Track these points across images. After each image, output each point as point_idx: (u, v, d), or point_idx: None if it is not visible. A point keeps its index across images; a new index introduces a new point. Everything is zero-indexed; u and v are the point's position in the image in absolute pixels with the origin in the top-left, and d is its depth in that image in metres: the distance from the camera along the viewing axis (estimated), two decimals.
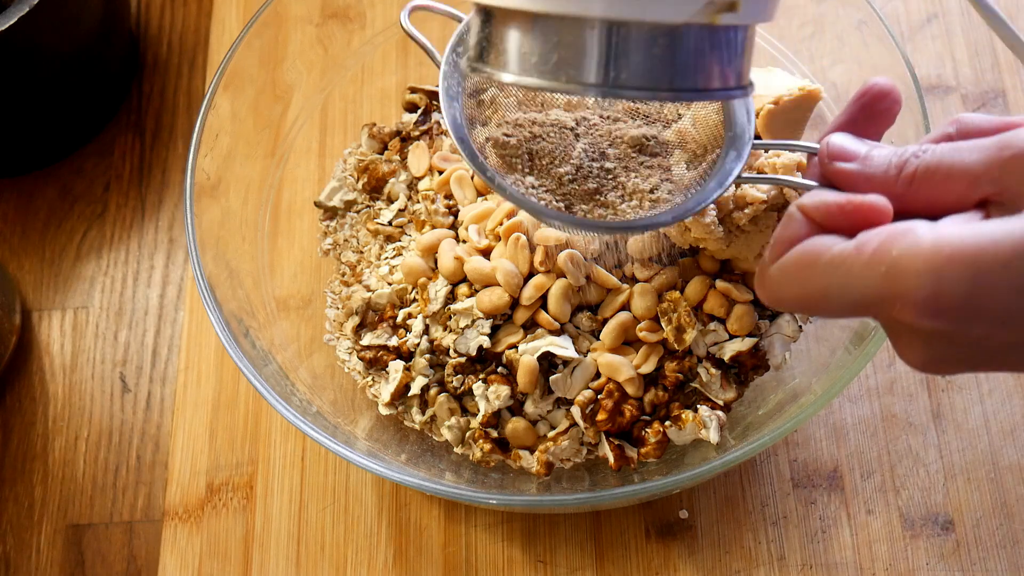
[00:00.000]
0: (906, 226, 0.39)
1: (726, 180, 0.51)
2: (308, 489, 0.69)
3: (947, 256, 0.37)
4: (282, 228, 0.71)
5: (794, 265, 0.42)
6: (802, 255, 0.42)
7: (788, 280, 0.42)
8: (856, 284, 0.40)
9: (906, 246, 0.38)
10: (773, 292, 0.43)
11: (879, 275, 0.39)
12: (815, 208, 0.43)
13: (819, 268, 0.41)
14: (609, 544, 0.66)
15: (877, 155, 0.44)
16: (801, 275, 0.42)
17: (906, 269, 0.38)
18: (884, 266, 0.39)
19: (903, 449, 0.68)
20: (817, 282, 0.41)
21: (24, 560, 0.69)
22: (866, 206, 0.41)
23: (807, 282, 0.41)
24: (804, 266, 0.42)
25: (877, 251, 0.39)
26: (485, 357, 0.61)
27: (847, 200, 0.42)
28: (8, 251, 0.79)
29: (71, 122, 0.81)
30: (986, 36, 0.80)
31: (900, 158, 0.43)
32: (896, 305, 0.39)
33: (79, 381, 0.74)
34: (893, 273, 0.38)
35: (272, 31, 0.70)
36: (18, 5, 0.69)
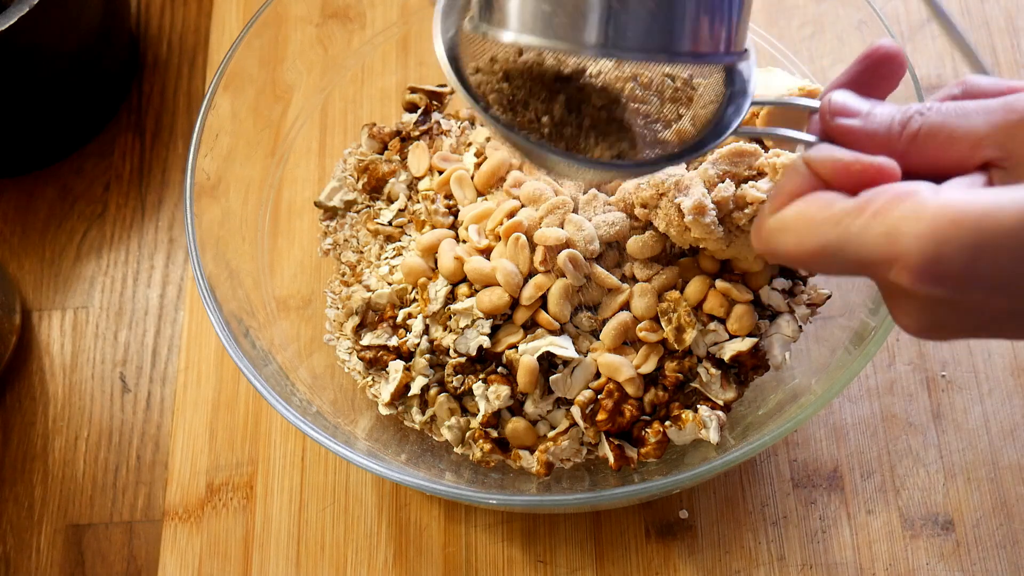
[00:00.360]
0: (910, 188, 0.39)
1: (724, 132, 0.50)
2: (308, 489, 0.69)
3: (950, 221, 0.37)
4: (282, 228, 0.71)
5: (793, 218, 0.41)
6: (803, 209, 0.41)
7: (786, 233, 0.42)
8: (855, 243, 0.39)
9: (909, 209, 0.38)
10: (769, 243, 0.43)
11: (879, 236, 0.38)
12: (821, 163, 0.42)
13: (818, 223, 0.40)
14: (609, 544, 0.66)
15: (879, 112, 0.43)
16: (799, 229, 0.41)
17: (907, 232, 0.38)
18: (885, 227, 0.38)
19: (903, 449, 0.68)
20: (815, 237, 0.41)
21: (24, 560, 0.69)
22: (874, 167, 0.41)
23: (805, 236, 0.41)
24: (804, 220, 0.41)
25: (879, 212, 0.39)
26: (485, 357, 0.61)
27: (855, 159, 0.41)
28: (8, 251, 0.79)
29: (71, 122, 0.81)
30: (986, 36, 0.80)
31: (903, 115, 0.42)
32: (895, 268, 0.38)
33: (79, 381, 0.74)
34: (894, 235, 0.38)
35: (272, 31, 0.70)
36: (18, 5, 0.69)
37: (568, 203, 0.62)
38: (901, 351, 0.71)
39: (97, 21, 0.77)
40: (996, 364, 0.70)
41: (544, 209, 0.62)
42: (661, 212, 0.59)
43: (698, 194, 0.57)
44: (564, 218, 0.61)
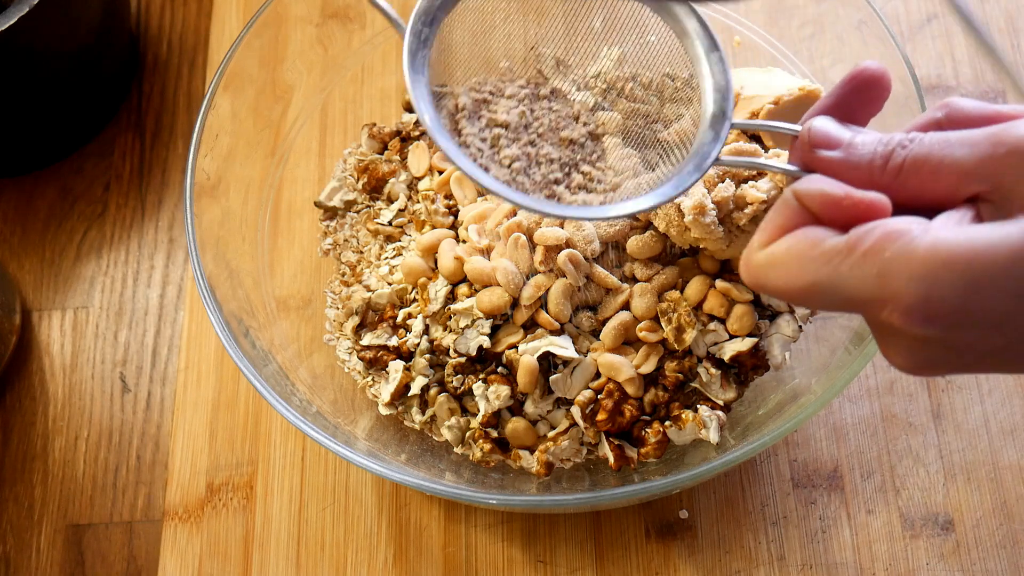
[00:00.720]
0: (899, 226, 0.38)
1: (704, 162, 0.51)
2: (308, 489, 0.69)
3: (941, 263, 0.37)
4: (282, 228, 0.71)
5: (783, 254, 0.41)
6: (792, 245, 0.41)
7: (775, 268, 0.41)
8: (846, 282, 0.39)
9: (899, 249, 0.38)
10: (758, 278, 0.42)
11: (871, 276, 0.38)
12: (811, 197, 0.41)
13: (808, 261, 0.40)
14: (609, 544, 0.66)
15: (861, 142, 0.43)
16: (789, 265, 0.41)
17: (898, 274, 0.37)
18: (876, 268, 0.38)
19: (903, 449, 0.68)
20: (805, 275, 0.40)
21: (24, 560, 0.69)
22: (864, 203, 0.40)
23: (795, 273, 0.41)
24: (794, 256, 0.41)
25: (869, 251, 0.38)
26: (485, 357, 0.61)
27: (845, 194, 0.41)
28: (8, 251, 0.79)
29: (71, 122, 0.81)
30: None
31: (886, 147, 0.42)
32: (886, 308, 0.38)
33: (79, 381, 0.74)
34: (885, 276, 0.38)
35: (272, 31, 0.70)
36: (18, 5, 0.69)
37: None
38: None
39: (97, 21, 0.77)
40: None
41: None
42: (661, 212, 0.59)
43: (698, 194, 0.57)
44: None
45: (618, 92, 0.59)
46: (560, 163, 0.54)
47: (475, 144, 0.53)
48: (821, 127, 0.44)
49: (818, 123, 0.45)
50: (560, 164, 0.54)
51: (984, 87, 0.78)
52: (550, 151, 0.55)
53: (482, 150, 0.53)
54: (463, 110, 0.54)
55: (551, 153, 0.55)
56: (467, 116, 0.54)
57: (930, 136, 0.41)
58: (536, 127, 0.55)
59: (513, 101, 0.56)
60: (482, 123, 0.54)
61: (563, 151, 0.55)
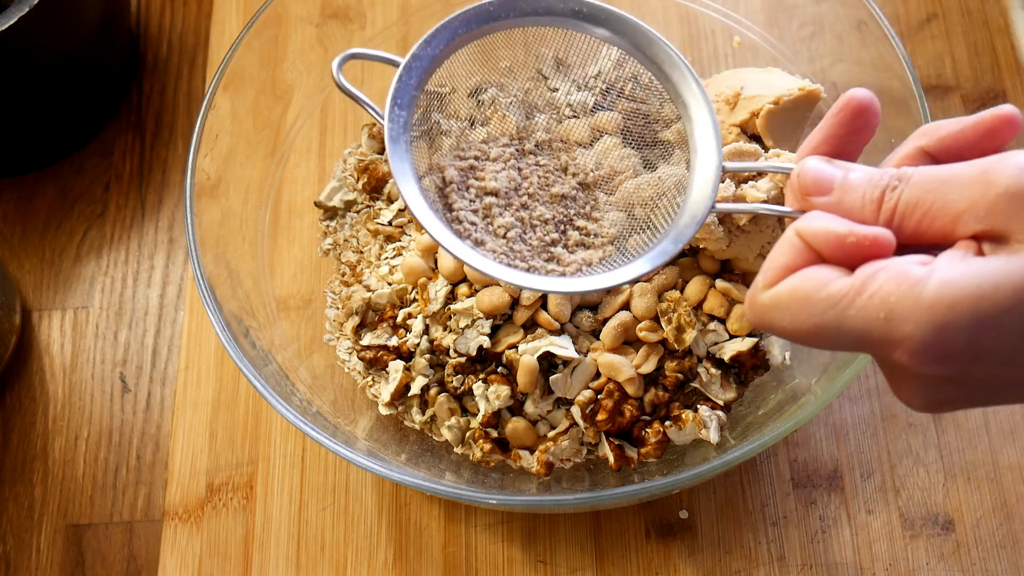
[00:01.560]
0: (905, 268, 0.38)
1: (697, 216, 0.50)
2: (308, 489, 0.69)
3: (948, 306, 0.37)
4: (282, 228, 0.71)
5: (788, 296, 0.41)
6: (797, 288, 0.41)
7: (781, 310, 0.41)
8: (853, 325, 0.39)
9: (906, 292, 0.38)
10: (763, 319, 0.42)
11: (879, 320, 0.38)
12: (814, 236, 0.41)
13: (814, 303, 0.40)
14: (609, 544, 0.66)
15: (854, 183, 0.42)
16: (794, 308, 0.41)
17: (907, 317, 0.38)
18: (884, 311, 0.38)
19: (903, 449, 0.68)
20: (811, 318, 0.40)
21: (24, 560, 0.69)
22: (869, 239, 0.40)
23: (800, 315, 0.40)
24: (799, 299, 0.40)
25: (876, 294, 0.38)
26: (485, 357, 0.61)
27: (848, 231, 0.40)
28: (8, 251, 0.79)
29: (71, 122, 0.81)
30: (986, 36, 0.80)
31: (876, 188, 0.41)
32: (897, 350, 0.38)
33: (79, 381, 0.74)
34: (892, 320, 0.38)
35: (272, 31, 0.70)
36: (18, 5, 0.69)
37: None
38: None
39: (97, 21, 0.77)
40: None
41: None
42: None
43: None
44: None
45: (618, 92, 0.59)
46: (555, 222, 0.54)
47: (467, 219, 0.52)
48: (811, 170, 0.44)
49: (808, 165, 0.44)
50: (555, 223, 0.54)
51: (984, 87, 0.78)
52: (543, 211, 0.54)
53: (475, 223, 0.52)
54: (451, 183, 0.53)
55: (544, 213, 0.54)
56: (456, 189, 0.53)
57: (918, 175, 0.41)
58: (526, 187, 0.55)
59: (499, 164, 0.55)
60: (471, 194, 0.53)
61: (556, 208, 0.55)
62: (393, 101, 0.51)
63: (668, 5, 0.77)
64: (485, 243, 0.52)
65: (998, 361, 0.38)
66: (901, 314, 0.38)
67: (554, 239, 0.54)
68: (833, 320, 0.39)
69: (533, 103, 0.69)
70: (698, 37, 0.77)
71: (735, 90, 0.62)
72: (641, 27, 0.53)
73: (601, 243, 0.54)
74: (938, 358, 0.38)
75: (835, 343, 0.40)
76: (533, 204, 0.55)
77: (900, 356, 0.38)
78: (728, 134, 0.61)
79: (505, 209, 0.54)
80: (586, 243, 0.54)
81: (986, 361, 0.38)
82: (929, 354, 0.38)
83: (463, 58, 0.54)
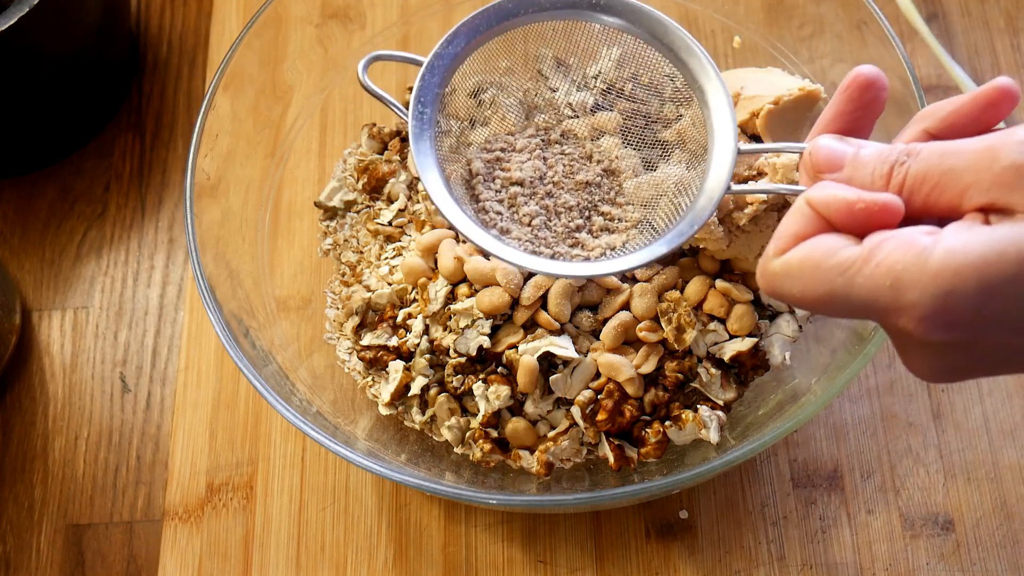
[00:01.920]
0: (912, 237, 0.39)
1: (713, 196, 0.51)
2: (308, 489, 0.69)
3: (953, 272, 0.37)
4: (282, 228, 0.71)
5: (799, 263, 0.42)
6: (808, 255, 0.41)
7: (791, 277, 0.42)
8: (861, 292, 0.40)
9: (913, 260, 0.38)
10: (774, 286, 0.43)
11: (885, 287, 0.39)
12: (824, 203, 0.42)
13: (824, 270, 0.41)
14: (609, 544, 0.66)
15: (865, 159, 0.43)
16: (805, 275, 0.41)
17: (913, 284, 0.38)
18: (891, 279, 0.39)
19: (903, 449, 0.68)
20: (821, 284, 0.41)
21: (24, 560, 0.69)
22: (877, 205, 0.41)
23: (811, 282, 0.41)
24: (810, 266, 0.41)
25: (883, 263, 0.39)
26: (485, 357, 0.61)
27: (857, 197, 0.41)
28: (8, 251, 0.79)
29: (71, 122, 0.81)
30: (986, 36, 0.80)
31: (885, 163, 0.42)
32: (903, 317, 0.39)
33: (79, 381, 0.74)
34: (899, 287, 0.38)
35: (272, 31, 0.70)
36: (18, 5, 0.69)
37: None
38: None
39: (97, 21, 0.77)
40: None
41: None
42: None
43: None
44: None
45: (618, 92, 0.59)
46: (579, 208, 0.55)
47: (493, 209, 0.54)
48: (823, 148, 0.45)
49: (821, 143, 0.45)
50: (580, 210, 0.55)
51: None
52: (568, 199, 0.56)
53: (501, 213, 0.54)
54: (477, 175, 0.55)
55: (569, 201, 0.56)
56: (482, 180, 0.54)
57: (927, 150, 0.41)
58: (551, 176, 0.56)
59: (524, 154, 0.56)
60: (497, 185, 0.55)
61: (580, 195, 0.56)
62: (417, 99, 0.52)
63: (668, 5, 0.77)
64: (510, 231, 0.53)
65: (1005, 328, 0.38)
66: (907, 281, 0.38)
67: (578, 225, 0.55)
68: (842, 287, 0.40)
69: (533, 103, 0.69)
70: (698, 37, 0.77)
71: (735, 90, 0.62)
72: (656, 15, 0.54)
73: (625, 227, 0.55)
74: (944, 325, 0.38)
75: (844, 310, 0.41)
76: (558, 192, 0.56)
77: (907, 323, 0.39)
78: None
79: (530, 198, 0.55)
80: (610, 227, 0.55)
81: (993, 328, 0.38)
82: (935, 321, 0.38)
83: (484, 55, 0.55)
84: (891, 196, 0.41)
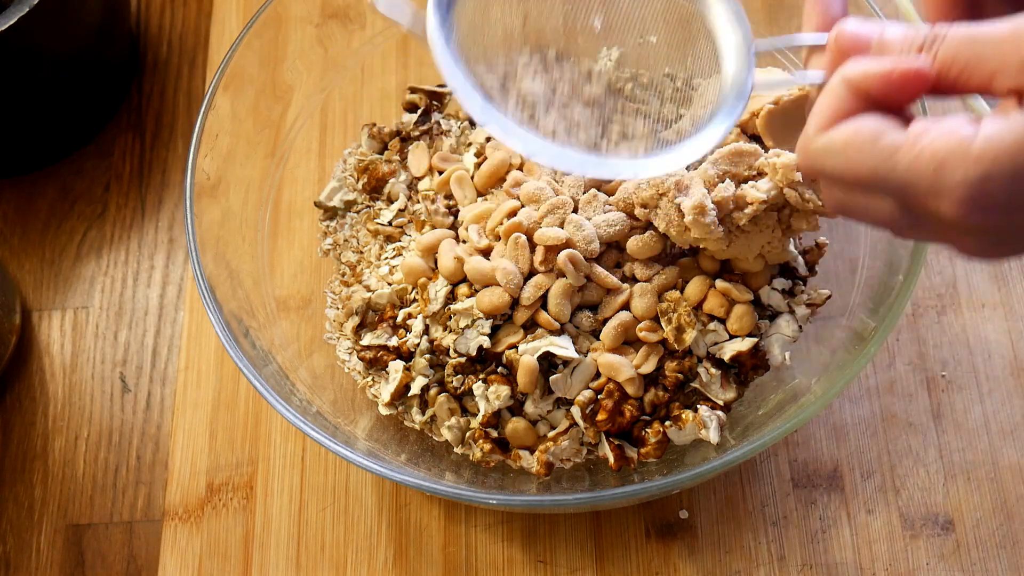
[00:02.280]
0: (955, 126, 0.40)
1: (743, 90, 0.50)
2: (308, 489, 0.69)
3: (992, 156, 0.39)
4: (282, 228, 0.71)
5: (843, 142, 0.43)
6: (852, 135, 0.43)
7: (834, 154, 0.43)
8: (905, 175, 0.41)
9: (955, 148, 0.40)
10: (816, 162, 0.44)
11: (928, 170, 0.40)
12: (862, 77, 0.43)
13: (869, 151, 0.42)
14: (609, 544, 0.66)
15: (890, 41, 0.44)
16: (850, 152, 0.43)
17: (954, 168, 0.40)
18: (934, 164, 0.40)
19: (903, 449, 0.68)
20: (866, 164, 0.42)
21: (24, 560, 0.69)
22: (912, 72, 0.42)
23: (855, 160, 0.42)
24: (855, 145, 0.42)
25: (927, 148, 0.40)
26: (485, 357, 0.61)
27: (894, 66, 0.42)
28: (8, 251, 0.79)
29: (71, 122, 0.81)
30: None
31: (912, 46, 0.43)
32: (943, 201, 0.40)
33: (79, 381, 0.74)
34: (941, 171, 0.40)
35: (272, 31, 0.70)
36: (18, 5, 0.69)
37: (568, 203, 0.62)
38: (901, 351, 0.71)
39: (97, 21, 0.77)
40: (996, 364, 0.70)
41: (544, 209, 0.62)
42: (661, 212, 0.59)
43: (698, 194, 0.57)
44: (564, 218, 0.61)
45: (618, 92, 0.59)
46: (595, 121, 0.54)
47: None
48: (849, 30, 0.46)
49: (845, 26, 0.46)
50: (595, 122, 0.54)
51: None
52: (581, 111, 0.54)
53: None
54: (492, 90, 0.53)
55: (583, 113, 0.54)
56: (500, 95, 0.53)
57: (953, 34, 0.42)
58: (558, 95, 0.55)
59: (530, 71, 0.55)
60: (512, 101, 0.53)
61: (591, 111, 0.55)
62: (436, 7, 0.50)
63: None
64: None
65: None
66: (949, 167, 0.40)
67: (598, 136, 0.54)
68: (885, 169, 0.41)
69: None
70: None
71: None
72: None
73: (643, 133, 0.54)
74: (982, 209, 0.40)
75: (882, 190, 0.42)
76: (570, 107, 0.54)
77: (947, 207, 0.40)
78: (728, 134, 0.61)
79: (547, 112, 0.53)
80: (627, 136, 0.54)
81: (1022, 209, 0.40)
82: (974, 204, 0.40)
83: None
84: (922, 63, 0.42)
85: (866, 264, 0.64)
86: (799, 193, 0.57)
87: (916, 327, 0.71)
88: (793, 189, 0.56)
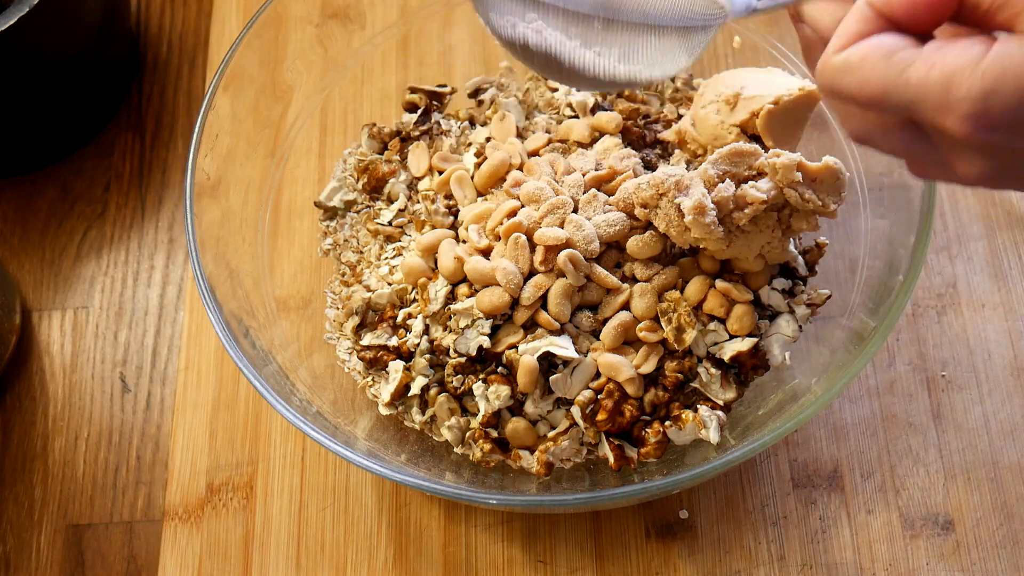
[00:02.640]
0: (968, 44, 0.41)
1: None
2: (308, 489, 0.69)
3: (1000, 72, 0.39)
4: (282, 228, 0.71)
5: (859, 59, 0.43)
6: (868, 53, 0.43)
7: (850, 72, 0.44)
8: (915, 90, 0.41)
9: (965, 63, 0.40)
10: (833, 80, 0.45)
11: (937, 85, 0.41)
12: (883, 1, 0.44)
13: (882, 67, 0.42)
14: (609, 544, 0.66)
15: None
16: (865, 69, 0.43)
17: (962, 84, 0.40)
18: (943, 79, 0.41)
19: (903, 449, 0.68)
20: (879, 80, 0.43)
21: (24, 560, 0.69)
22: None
23: (869, 77, 0.43)
24: (869, 64, 0.43)
25: (938, 64, 0.41)
26: (485, 357, 0.61)
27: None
28: (8, 251, 0.79)
29: (71, 122, 0.81)
30: None
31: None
32: (950, 116, 0.41)
33: (79, 381, 0.74)
34: (949, 86, 0.40)
35: (272, 31, 0.70)
36: (18, 5, 0.69)
37: (568, 203, 0.62)
38: (901, 351, 0.71)
39: (97, 21, 0.77)
40: (996, 364, 0.70)
41: (544, 209, 0.62)
42: (661, 212, 0.59)
43: (698, 194, 0.57)
44: (564, 218, 0.61)
45: (617, 93, 0.59)
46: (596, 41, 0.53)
47: None
48: None
49: None
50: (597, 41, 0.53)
51: None
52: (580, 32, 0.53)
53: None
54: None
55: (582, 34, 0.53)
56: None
57: None
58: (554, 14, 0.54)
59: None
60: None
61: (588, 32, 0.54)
62: None
63: None
64: None
65: None
66: (957, 82, 0.40)
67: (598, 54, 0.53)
68: (897, 85, 0.42)
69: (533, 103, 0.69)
70: None
71: (735, 90, 0.62)
72: None
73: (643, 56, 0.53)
74: (987, 126, 0.40)
75: (894, 107, 0.43)
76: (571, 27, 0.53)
77: (953, 123, 0.41)
78: (728, 134, 0.61)
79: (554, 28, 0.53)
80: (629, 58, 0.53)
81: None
82: (978, 120, 0.40)
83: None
84: None
85: (866, 264, 0.64)
86: (799, 193, 0.57)
87: (916, 327, 0.71)
88: (793, 189, 0.56)
